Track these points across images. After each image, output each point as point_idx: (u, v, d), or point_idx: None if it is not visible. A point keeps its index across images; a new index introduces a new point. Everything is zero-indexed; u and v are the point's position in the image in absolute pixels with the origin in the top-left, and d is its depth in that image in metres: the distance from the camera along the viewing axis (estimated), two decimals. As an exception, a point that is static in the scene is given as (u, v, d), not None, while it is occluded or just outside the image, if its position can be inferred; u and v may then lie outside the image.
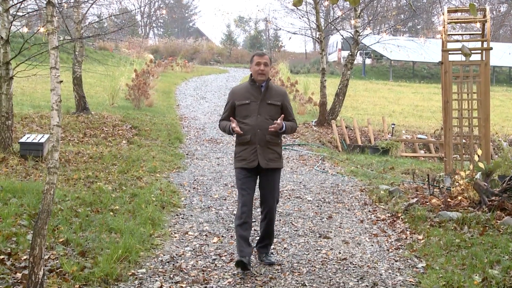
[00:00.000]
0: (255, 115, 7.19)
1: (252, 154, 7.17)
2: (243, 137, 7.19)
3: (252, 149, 7.18)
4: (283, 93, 7.43)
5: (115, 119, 18.53)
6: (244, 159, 7.21)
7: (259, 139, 7.16)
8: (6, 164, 11.62)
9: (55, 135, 5.88)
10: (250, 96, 7.26)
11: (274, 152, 7.27)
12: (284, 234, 8.97)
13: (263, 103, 7.23)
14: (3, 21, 12.17)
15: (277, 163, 7.31)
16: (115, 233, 8.11)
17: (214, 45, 63.89)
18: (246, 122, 7.20)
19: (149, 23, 76.93)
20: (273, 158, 7.25)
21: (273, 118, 7.19)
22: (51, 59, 5.94)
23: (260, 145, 7.16)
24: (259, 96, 7.24)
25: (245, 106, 7.25)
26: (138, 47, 48.19)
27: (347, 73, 22.04)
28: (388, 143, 18.69)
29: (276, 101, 7.27)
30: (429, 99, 32.58)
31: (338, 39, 47.13)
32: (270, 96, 7.27)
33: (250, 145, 7.19)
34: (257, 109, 7.20)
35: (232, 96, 7.41)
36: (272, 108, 7.24)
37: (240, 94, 7.35)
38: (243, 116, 7.24)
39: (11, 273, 6.29)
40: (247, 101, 7.24)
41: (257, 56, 7.32)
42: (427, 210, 9.73)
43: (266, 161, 7.18)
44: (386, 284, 6.94)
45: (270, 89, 7.32)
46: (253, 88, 7.31)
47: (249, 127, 7.18)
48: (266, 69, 7.26)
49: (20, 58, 12.50)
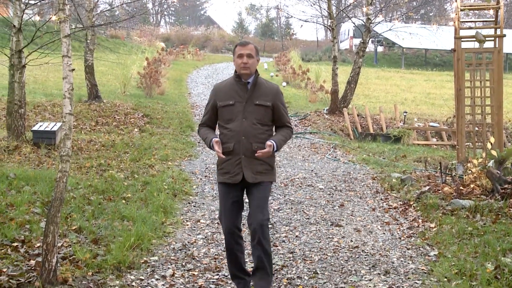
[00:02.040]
0: (240, 119, 5.87)
1: (236, 166, 5.87)
2: (225, 146, 5.87)
3: (236, 160, 5.87)
4: (274, 90, 6.05)
5: (127, 107, 18.56)
6: (227, 172, 5.92)
7: (244, 148, 5.85)
8: (19, 152, 11.67)
9: (68, 123, 5.89)
10: (234, 95, 5.94)
11: (264, 163, 5.93)
12: (296, 222, 8.98)
13: (250, 104, 5.91)
14: (16, 9, 12.20)
15: (267, 176, 5.98)
16: (127, 221, 8.14)
17: (225, 33, 63.80)
18: (229, 127, 5.91)
19: (160, 11, 76.89)
20: (262, 170, 5.93)
21: (262, 122, 5.92)
22: (63, 47, 5.95)
23: (245, 155, 5.85)
24: (245, 95, 5.92)
25: (228, 108, 5.94)
26: (149, 35, 48.17)
27: (358, 61, 21.95)
28: (400, 131, 18.63)
29: (266, 101, 5.94)
30: (442, 87, 32.41)
31: (350, 26, 46.99)
32: (259, 95, 5.95)
33: (233, 155, 5.88)
34: (243, 111, 5.89)
35: (214, 94, 6.08)
36: (261, 110, 5.93)
37: (223, 92, 6.02)
38: (226, 120, 5.95)
39: (24, 260, 6.33)
40: (231, 102, 5.93)
41: (239, 47, 5.99)
42: (439, 198, 9.70)
43: (253, 174, 5.88)
44: (398, 272, 6.94)
45: (258, 86, 5.99)
46: (239, 85, 5.98)
47: (233, 134, 5.87)
48: (251, 61, 5.93)
49: (33, 46, 12.51)
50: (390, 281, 6.67)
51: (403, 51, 45.36)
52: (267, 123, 6.00)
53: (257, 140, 5.87)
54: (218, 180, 6.07)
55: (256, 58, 6.00)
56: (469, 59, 13.11)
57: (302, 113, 21.29)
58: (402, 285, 6.54)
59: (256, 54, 6.00)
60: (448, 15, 45.53)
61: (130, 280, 6.38)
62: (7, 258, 6.30)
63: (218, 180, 6.07)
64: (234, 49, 6.07)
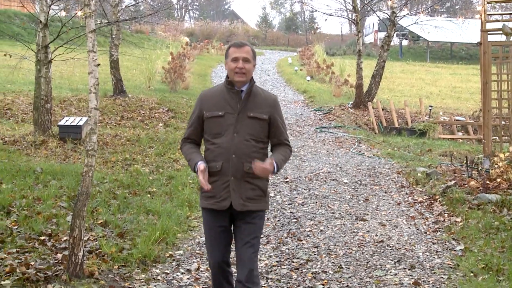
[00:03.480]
0: (230, 133, 4.94)
1: (223, 189, 4.94)
2: (211, 165, 4.95)
3: (224, 183, 4.94)
4: (272, 101, 5.13)
5: (152, 102, 18.63)
6: (212, 196, 4.96)
7: (234, 168, 4.92)
8: (45, 146, 11.78)
9: (93, 118, 5.93)
10: (225, 105, 5.00)
11: (256, 188, 4.99)
12: (321, 217, 8.97)
13: (243, 116, 4.97)
14: (42, 5, 12.29)
15: (259, 203, 5.03)
16: (152, 215, 8.18)
17: (249, 28, 63.80)
18: (217, 142, 4.96)
19: (184, 6, 77.11)
20: (253, 196, 4.97)
21: (256, 138, 4.99)
22: (89, 43, 5.99)
23: (235, 177, 4.93)
24: (237, 106, 4.99)
25: (217, 120, 4.99)
26: (174, 30, 48.33)
27: (383, 55, 21.83)
28: (426, 125, 18.51)
29: (261, 113, 5.01)
30: (468, 81, 32.13)
31: (374, 20, 46.68)
32: (254, 106, 5.02)
33: (221, 176, 4.94)
34: (234, 124, 4.95)
35: (200, 103, 5.11)
36: (255, 124, 5.00)
37: (211, 101, 5.07)
38: (214, 134, 4.99)
39: (51, 254, 6.39)
40: (220, 113, 4.98)
41: (234, 48, 5.03)
42: (465, 193, 9.64)
43: (243, 201, 4.94)
44: (423, 267, 6.91)
45: (254, 95, 5.05)
46: (230, 94, 5.03)
47: (221, 151, 4.94)
48: (248, 66, 4.98)
49: (59, 41, 12.59)
50: (416, 275, 6.64)
51: (428, 44, 45.02)
52: (262, 139, 5.05)
53: (250, 159, 4.89)
54: (201, 205, 5.11)
55: (253, 63, 5.05)
56: (495, 52, 12.98)
57: (326, 107, 21.23)
58: (427, 280, 6.51)
59: (253, 58, 5.05)
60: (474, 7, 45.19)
61: (155, 273, 6.42)
62: (34, 252, 6.36)
63: (201, 205, 5.11)
64: (227, 50, 5.09)
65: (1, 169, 9.37)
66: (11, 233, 6.86)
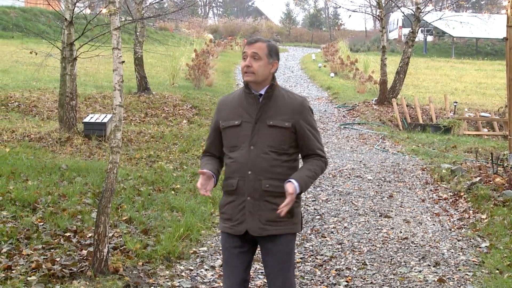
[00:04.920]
0: (246, 146, 4.18)
1: (240, 211, 4.21)
2: (228, 182, 4.27)
3: (240, 204, 4.21)
4: (298, 105, 4.25)
5: (176, 99, 18.69)
6: (229, 219, 4.26)
7: (250, 187, 4.16)
8: (71, 143, 11.87)
9: (118, 115, 5.97)
10: (242, 112, 4.25)
11: (278, 208, 4.10)
12: (345, 213, 8.95)
13: (261, 125, 4.19)
14: (67, 3, 12.37)
15: (284, 226, 4.22)
16: (176, 212, 8.22)
17: (273, 24, 63.81)
18: (233, 157, 4.23)
19: (208, 3, 77.24)
20: (274, 218, 4.15)
21: (277, 150, 4.18)
22: (113, 40, 6.02)
23: (252, 197, 4.17)
24: (254, 113, 4.22)
25: (233, 130, 4.25)
26: (198, 27, 48.47)
27: (408, 51, 21.69)
28: (450, 121, 18.37)
29: (283, 121, 4.18)
30: (493, 76, 31.84)
31: (399, 16, 46.43)
32: (274, 113, 4.20)
33: (237, 195, 4.22)
34: (251, 135, 4.19)
35: (217, 112, 4.41)
36: (276, 133, 4.18)
37: (228, 108, 4.33)
38: (231, 148, 4.27)
39: (77, 250, 6.45)
40: (237, 122, 4.23)
41: (246, 45, 4.29)
42: (491, 189, 9.56)
43: (262, 224, 4.17)
44: (448, 264, 6.87)
45: (274, 100, 4.24)
46: (248, 99, 4.27)
47: (237, 166, 4.20)
48: (256, 64, 4.18)
49: (83, 39, 12.68)
50: (440, 272, 6.61)
51: (453, 40, 44.69)
52: (287, 150, 4.22)
53: (270, 175, 4.15)
54: (219, 228, 4.45)
55: (268, 60, 4.22)
56: (521, 47, 12.83)
57: (350, 104, 21.17)
58: (452, 277, 6.48)
59: (267, 55, 4.21)
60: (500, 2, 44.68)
61: (179, 270, 6.45)
62: (60, 248, 6.42)
63: (219, 227, 4.45)
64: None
65: (27, 166, 9.47)
66: (37, 229, 6.94)
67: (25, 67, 21.68)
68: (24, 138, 11.89)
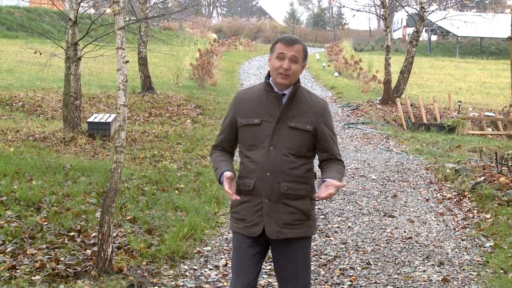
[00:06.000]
0: (266, 147, 4.09)
1: (255, 213, 4.12)
2: (243, 182, 4.18)
3: (256, 205, 4.12)
4: (320, 108, 4.23)
5: (180, 99, 18.71)
6: (242, 219, 4.18)
7: (268, 189, 4.08)
8: (75, 143, 11.88)
9: (122, 115, 5.97)
10: (262, 111, 4.14)
11: (296, 212, 4.12)
12: (348, 213, 8.95)
13: (282, 126, 4.10)
14: (72, 2, 12.38)
15: (301, 229, 4.16)
16: (180, 211, 8.21)
17: (277, 24, 63.84)
18: (251, 156, 4.15)
19: (212, 3, 77.26)
20: (292, 221, 4.11)
21: (296, 152, 4.11)
22: (117, 40, 6.03)
23: (269, 199, 4.08)
24: (276, 113, 4.12)
25: (252, 129, 4.15)
26: (202, 26, 48.49)
27: (412, 50, 21.67)
28: (455, 121, 18.36)
29: (305, 123, 4.13)
30: (497, 76, 31.80)
31: (403, 15, 46.46)
32: (296, 114, 4.13)
33: (253, 197, 4.13)
34: (271, 135, 4.09)
35: (234, 107, 4.28)
36: (297, 136, 4.11)
37: (247, 105, 4.22)
38: (248, 146, 4.19)
39: (81, 250, 6.45)
40: (256, 120, 4.13)
41: (282, 44, 4.11)
42: (495, 189, 9.54)
43: (279, 227, 4.09)
44: (452, 263, 6.86)
45: (297, 101, 4.15)
46: (269, 98, 4.16)
47: (255, 166, 4.12)
48: (294, 67, 4.09)
49: (88, 39, 12.68)
50: (445, 272, 6.60)
51: (457, 39, 44.67)
52: (305, 154, 4.15)
53: (289, 178, 4.08)
54: (231, 228, 4.33)
55: (302, 64, 4.18)
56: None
57: (354, 103, 21.16)
58: (456, 277, 6.47)
59: (303, 59, 4.18)
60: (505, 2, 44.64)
61: (183, 269, 6.45)
62: (64, 248, 6.43)
63: (231, 227, 4.32)
64: (274, 44, 4.19)
65: (31, 166, 9.48)
66: (41, 229, 6.94)
67: (30, 67, 21.74)
68: (29, 137, 11.90)
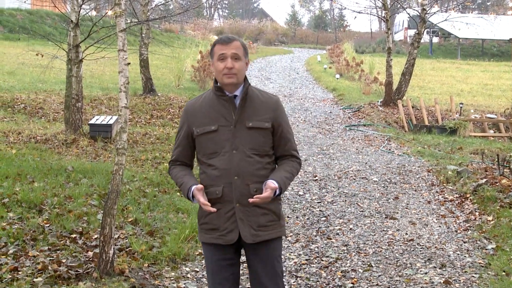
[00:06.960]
0: (229, 151, 4.05)
1: (228, 219, 4.08)
2: (210, 190, 4.08)
3: (228, 212, 4.07)
4: (273, 104, 4.19)
5: (181, 101, 18.73)
6: (215, 229, 4.12)
7: (238, 193, 4.05)
8: (76, 145, 11.89)
9: (123, 117, 5.98)
10: (217, 116, 4.11)
11: (268, 212, 4.12)
12: (350, 215, 8.94)
13: (240, 128, 4.08)
14: (73, 4, 12.40)
15: (274, 230, 4.16)
16: (182, 213, 8.22)
17: (278, 26, 63.86)
18: (214, 164, 4.08)
19: (214, 5, 77.31)
20: (265, 223, 4.11)
21: (259, 152, 4.09)
22: (119, 42, 6.03)
23: (241, 203, 4.05)
24: (232, 116, 4.10)
25: (210, 136, 4.10)
26: (203, 28, 48.55)
27: (413, 52, 21.67)
28: (456, 123, 18.35)
29: (262, 121, 4.11)
30: (499, 78, 31.77)
31: (404, 17, 46.39)
32: (252, 114, 4.11)
33: (223, 203, 4.07)
34: (231, 139, 4.06)
35: (187, 118, 4.25)
36: (257, 135, 4.09)
37: (200, 114, 4.18)
38: (209, 154, 4.11)
39: (82, 252, 6.46)
40: (213, 127, 4.09)
41: (220, 45, 4.12)
42: (497, 191, 9.53)
43: (254, 231, 4.08)
44: (454, 266, 6.86)
45: (250, 101, 4.14)
46: (221, 102, 4.14)
47: (220, 173, 4.06)
48: (238, 65, 4.08)
49: (89, 41, 12.71)
50: (446, 274, 6.60)
51: (459, 41, 44.63)
52: (267, 152, 4.14)
53: (256, 179, 4.06)
54: (201, 239, 4.24)
55: (245, 60, 4.15)
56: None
57: (355, 105, 21.16)
58: (458, 279, 6.47)
59: (244, 55, 4.14)
60: (507, 4, 44.69)
61: (185, 271, 6.46)
62: (65, 249, 6.44)
63: (201, 239, 4.23)
64: (212, 48, 4.19)
65: (33, 168, 9.48)
66: (43, 231, 6.95)
67: (31, 69, 21.77)
68: (30, 139, 11.92)
